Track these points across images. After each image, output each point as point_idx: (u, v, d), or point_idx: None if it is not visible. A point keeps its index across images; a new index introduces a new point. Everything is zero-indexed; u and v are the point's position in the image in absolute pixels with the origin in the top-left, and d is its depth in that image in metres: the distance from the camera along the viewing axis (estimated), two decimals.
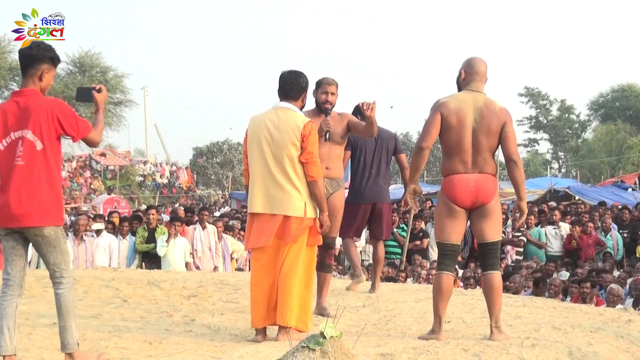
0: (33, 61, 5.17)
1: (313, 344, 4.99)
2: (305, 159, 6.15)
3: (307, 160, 6.16)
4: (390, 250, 14.90)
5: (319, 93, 7.18)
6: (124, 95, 40.30)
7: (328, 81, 7.21)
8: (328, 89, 7.16)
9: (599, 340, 6.13)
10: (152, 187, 44.55)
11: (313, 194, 6.22)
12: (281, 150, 6.16)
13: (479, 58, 6.31)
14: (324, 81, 7.21)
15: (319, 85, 7.20)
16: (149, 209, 13.92)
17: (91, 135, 5.42)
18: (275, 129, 6.19)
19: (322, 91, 7.17)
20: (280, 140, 6.16)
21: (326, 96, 7.14)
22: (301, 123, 6.17)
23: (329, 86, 7.17)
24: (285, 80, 6.33)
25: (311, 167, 6.17)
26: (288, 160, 6.16)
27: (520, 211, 6.29)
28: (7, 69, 36.73)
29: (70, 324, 5.38)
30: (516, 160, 6.16)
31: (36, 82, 5.19)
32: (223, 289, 8.59)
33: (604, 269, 12.42)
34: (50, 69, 5.23)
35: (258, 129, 6.26)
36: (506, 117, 6.15)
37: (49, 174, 5.17)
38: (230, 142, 47.36)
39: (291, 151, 6.15)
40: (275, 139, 6.17)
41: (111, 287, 8.64)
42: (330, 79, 7.23)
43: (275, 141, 6.17)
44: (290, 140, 6.14)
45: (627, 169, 39.76)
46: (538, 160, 57.18)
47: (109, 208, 24.64)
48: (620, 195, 23.12)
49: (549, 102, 57.89)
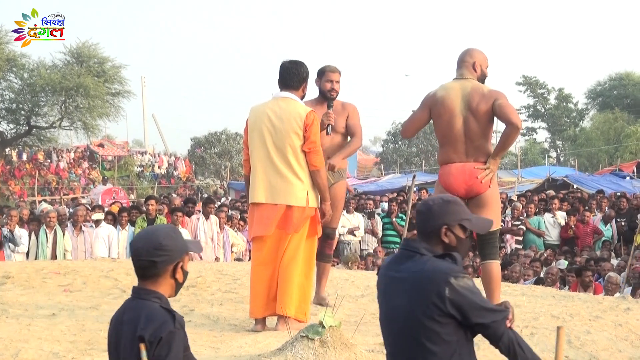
0: None
1: (312, 334, 5.00)
2: (308, 148, 6.13)
3: (310, 150, 6.13)
4: (389, 239, 14.92)
5: (322, 82, 7.01)
6: (121, 86, 40.11)
7: (331, 69, 7.04)
8: (332, 77, 7.00)
9: (598, 329, 6.15)
10: (150, 177, 44.51)
11: (316, 183, 6.20)
12: (283, 140, 6.13)
13: (466, 49, 6.36)
14: (327, 69, 7.04)
15: (322, 73, 7.03)
16: (149, 199, 13.89)
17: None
18: (277, 119, 6.15)
19: (327, 79, 7.00)
20: (283, 130, 6.12)
21: (331, 84, 6.98)
22: (303, 112, 6.14)
23: (332, 74, 7.01)
24: (285, 69, 6.29)
25: (314, 156, 6.15)
26: (290, 150, 6.13)
27: (488, 168, 6.07)
28: (5, 60, 36.57)
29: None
30: (515, 122, 5.95)
31: None
32: (222, 279, 8.59)
33: (602, 258, 12.44)
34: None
35: (259, 119, 6.23)
36: (495, 95, 6.06)
37: None
38: (228, 132, 47.28)
39: (293, 140, 6.12)
40: (278, 128, 6.14)
41: (110, 277, 8.64)
42: (333, 67, 7.06)
43: (278, 131, 6.14)
44: (293, 129, 6.10)
45: (625, 157, 39.73)
46: (536, 149, 57.15)
47: (108, 199, 24.61)
48: (618, 183, 23.11)
49: (547, 90, 57.80)
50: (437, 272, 3.28)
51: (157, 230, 3.28)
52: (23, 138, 40.25)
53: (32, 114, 39.02)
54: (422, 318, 3.26)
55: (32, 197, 30.29)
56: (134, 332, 3.10)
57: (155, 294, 3.19)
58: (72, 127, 40.48)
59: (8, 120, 39.61)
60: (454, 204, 3.48)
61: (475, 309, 3.26)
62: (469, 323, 3.27)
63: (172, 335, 3.07)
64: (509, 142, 6.14)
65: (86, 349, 5.74)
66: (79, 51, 38.39)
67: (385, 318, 3.46)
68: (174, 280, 3.23)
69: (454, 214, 3.43)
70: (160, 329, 3.07)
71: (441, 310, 3.24)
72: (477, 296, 3.30)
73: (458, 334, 3.28)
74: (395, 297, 3.38)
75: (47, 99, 38.71)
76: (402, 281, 3.35)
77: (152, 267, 3.17)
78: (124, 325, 3.18)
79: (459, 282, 3.25)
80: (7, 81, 38.68)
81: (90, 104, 37.98)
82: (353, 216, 14.80)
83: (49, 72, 37.92)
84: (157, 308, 3.15)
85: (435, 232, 3.40)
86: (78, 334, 6.16)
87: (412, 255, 3.38)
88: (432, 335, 3.26)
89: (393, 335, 3.40)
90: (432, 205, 3.46)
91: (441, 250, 3.39)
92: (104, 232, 12.72)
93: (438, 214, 3.41)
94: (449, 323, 3.26)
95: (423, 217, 3.46)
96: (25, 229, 12.36)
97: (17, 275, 8.58)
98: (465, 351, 3.30)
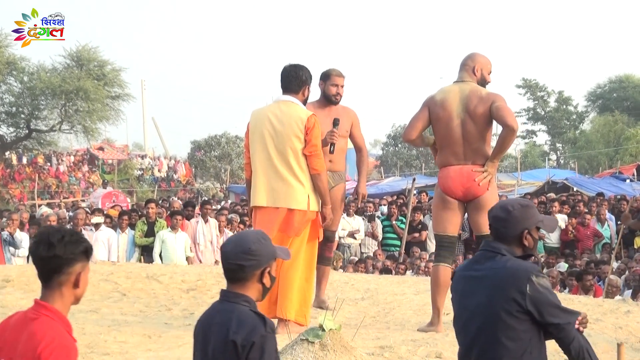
0: (62, 264, 3.00)
1: (312, 337, 5.00)
2: (310, 151, 6.13)
3: (311, 153, 6.13)
4: (389, 242, 14.90)
5: (327, 85, 7.01)
6: (121, 89, 40.11)
7: (337, 73, 7.04)
8: (338, 81, 7.01)
9: (598, 331, 6.15)
10: (150, 181, 44.50)
11: (316, 187, 6.20)
12: (284, 143, 6.13)
13: (469, 53, 6.38)
14: (333, 73, 7.04)
15: (328, 77, 7.03)
16: (148, 202, 13.89)
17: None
18: (278, 122, 6.15)
19: (332, 83, 7.00)
20: (284, 133, 6.12)
21: (336, 89, 6.99)
22: (305, 116, 6.14)
23: (338, 78, 7.01)
24: (286, 73, 6.30)
25: (315, 160, 6.15)
26: (292, 153, 6.13)
27: (486, 170, 6.13)
28: (5, 63, 36.58)
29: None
30: (511, 124, 5.97)
31: (65, 294, 3.03)
32: (222, 282, 8.55)
33: (602, 260, 12.42)
34: (85, 267, 3.07)
35: (260, 122, 6.23)
36: (493, 97, 6.08)
37: None
38: (228, 135, 47.26)
39: (295, 144, 6.11)
40: (279, 132, 6.14)
41: (110, 281, 8.64)
42: (339, 71, 7.07)
43: (279, 134, 6.14)
44: (294, 133, 6.10)
45: (625, 160, 39.71)
46: (536, 152, 57.10)
47: (108, 202, 24.59)
48: (618, 186, 23.10)
49: (547, 93, 57.77)
50: (520, 269, 3.41)
51: (247, 235, 3.34)
52: (23, 141, 40.24)
53: (32, 117, 39.01)
54: (501, 313, 3.39)
55: (32, 201, 30.30)
56: (226, 335, 3.12)
57: (244, 298, 3.22)
58: (72, 131, 40.47)
59: (8, 124, 39.61)
60: (530, 208, 3.64)
61: (552, 308, 3.38)
62: (544, 322, 3.39)
63: (264, 339, 3.09)
64: (506, 145, 6.15)
65: (86, 352, 5.74)
66: (78, 54, 38.40)
67: (461, 316, 3.59)
68: (261, 284, 3.26)
69: (532, 218, 3.58)
70: (252, 333, 3.09)
71: (520, 306, 3.36)
72: (554, 297, 3.43)
73: (532, 332, 3.40)
74: (473, 295, 3.50)
75: (47, 102, 38.71)
76: (481, 279, 3.49)
77: (240, 271, 3.21)
78: (214, 327, 3.20)
79: (540, 281, 3.39)
80: (7, 84, 38.67)
81: (90, 107, 37.98)
82: (353, 219, 14.79)
83: (49, 75, 37.92)
84: (247, 312, 3.17)
85: (516, 236, 3.55)
86: (78, 337, 6.10)
87: (492, 256, 3.52)
88: (508, 330, 3.37)
89: (469, 332, 3.52)
90: (512, 210, 3.59)
91: (520, 252, 3.55)
92: (103, 236, 12.71)
93: (519, 219, 3.56)
94: (526, 320, 3.38)
95: (504, 222, 3.59)
96: (26, 233, 12.36)
97: (17, 279, 8.58)
98: (536, 351, 3.42)
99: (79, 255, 2.99)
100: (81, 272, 3.00)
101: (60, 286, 2.99)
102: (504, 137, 6.03)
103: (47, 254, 2.96)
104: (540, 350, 3.44)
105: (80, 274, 3.00)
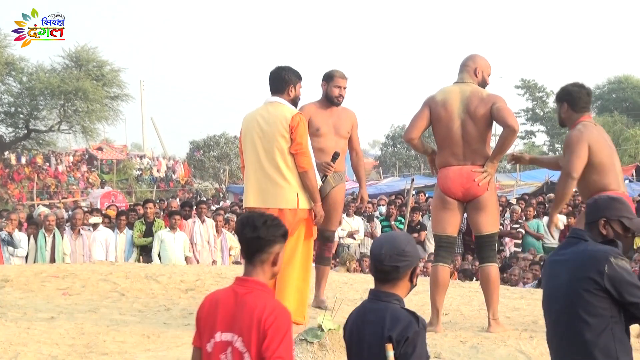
0: (264, 245, 3.37)
1: (311, 337, 5.00)
2: (295, 150, 6.16)
3: (297, 152, 6.17)
4: None
5: (330, 86, 7.06)
6: (120, 90, 40.15)
7: (340, 75, 7.10)
8: (341, 82, 7.06)
9: None
10: (149, 181, 44.51)
11: (305, 185, 6.22)
12: (271, 143, 6.18)
13: (469, 54, 6.39)
14: (336, 74, 7.09)
15: (331, 78, 7.07)
16: (147, 202, 13.88)
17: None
18: (265, 123, 6.22)
19: (335, 85, 7.05)
20: (270, 133, 6.18)
21: (339, 90, 7.04)
22: (289, 114, 6.18)
23: (341, 80, 7.07)
24: (271, 76, 6.41)
25: (301, 158, 6.18)
26: (278, 153, 6.17)
27: (485, 171, 6.13)
28: (4, 63, 36.58)
29: None
30: (512, 125, 5.97)
31: (266, 270, 3.40)
32: (221, 282, 8.59)
33: None
34: (282, 247, 3.46)
35: (250, 125, 6.30)
36: (494, 99, 6.11)
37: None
38: (227, 135, 47.27)
39: (281, 143, 6.16)
40: (266, 132, 6.20)
41: (109, 281, 8.63)
42: (342, 73, 7.13)
43: (266, 135, 6.20)
44: (280, 132, 6.15)
45: (624, 160, 39.78)
46: (535, 153, 57.21)
47: (106, 202, 24.60)
48: None
49: (546, 94, 57.83)
50: (599, 251, 3.59)
51: (398, 237, 3.49)
52: (22, 141, 40.26)
53: (30, 117, 39.04)
54: (581, 291, 3.56)
55: (31, 201, 30.31)
56: (381, 332, 3.28)
57: (395, 297, 3.38)
58: (70, 131, 40.51)
59: (7, 124, 39.64)
60: (617, 201, 3.83)
61: (630, 287, 3.52)
62: (623, 301, 3.54)
63: (417, 335, 3.25)
64: (506, 145, 6.15)
65: (85, 352, 5.74)
66: (77, 55, 38.44)
67: (549, 296, 3.77)
68: (410, 283, 3.45)
69: (615, 210, 3.77)
70: (406, 329, 3.25)
71: (598, 285, 3.53)
72: (633, 277, 3.55)
73: (613, 311, 3.56)
74: (557, 277, 3.69)
75: (45, 102, 38.73)
76: (565, 262, 3.68)
77: (394, 272, 3.37)
78: (367, 326, 3.35)
79: (618, 262, 3.55)
80: (6, 85, 38.71)
81: (89, 108, 38.01)
82: (353, 219, 14.81)
83: (48, 75, 37.94)
84: (400, 309, 3.34)
85: (595, 223, 3.75)
86: (77, 337, 6.16)
87: (576, 242, 3.72)
88: (588, 306, 3.55)
89: (554, 310, 3.70)
90: (598, 199, 3.88)
91: (601, 240, 3.71)
92: (101, 236, 12.70)
93: (600, 207, 3.79)
94: (605, 298, 3.54)
95: (589, 209, 3.84)
96: (24, 232, 12.35)
97: (16, 279, 8.58)
98: (617, 329, 3.57)
99: (278, 237, 3.35)
100: (279, 252, 3.37)
101: (262, 263, 3.34)
102: (505, 138, 6.03)
103: (251, 235, 3.32)
104: (622, 329, 3.58)
105: (279, 254, 3.37)
